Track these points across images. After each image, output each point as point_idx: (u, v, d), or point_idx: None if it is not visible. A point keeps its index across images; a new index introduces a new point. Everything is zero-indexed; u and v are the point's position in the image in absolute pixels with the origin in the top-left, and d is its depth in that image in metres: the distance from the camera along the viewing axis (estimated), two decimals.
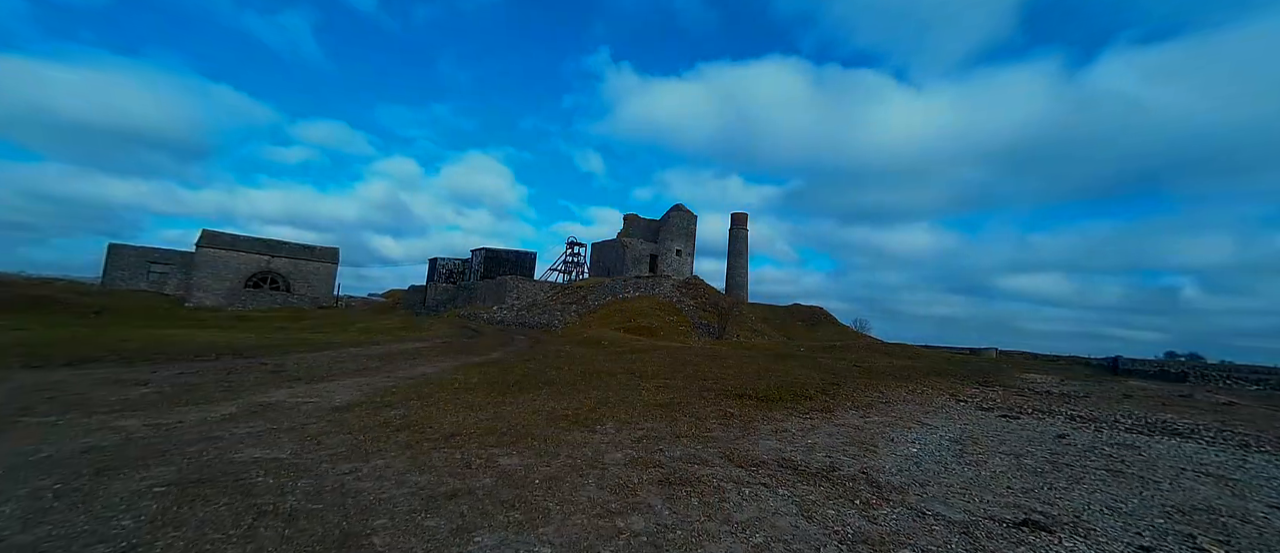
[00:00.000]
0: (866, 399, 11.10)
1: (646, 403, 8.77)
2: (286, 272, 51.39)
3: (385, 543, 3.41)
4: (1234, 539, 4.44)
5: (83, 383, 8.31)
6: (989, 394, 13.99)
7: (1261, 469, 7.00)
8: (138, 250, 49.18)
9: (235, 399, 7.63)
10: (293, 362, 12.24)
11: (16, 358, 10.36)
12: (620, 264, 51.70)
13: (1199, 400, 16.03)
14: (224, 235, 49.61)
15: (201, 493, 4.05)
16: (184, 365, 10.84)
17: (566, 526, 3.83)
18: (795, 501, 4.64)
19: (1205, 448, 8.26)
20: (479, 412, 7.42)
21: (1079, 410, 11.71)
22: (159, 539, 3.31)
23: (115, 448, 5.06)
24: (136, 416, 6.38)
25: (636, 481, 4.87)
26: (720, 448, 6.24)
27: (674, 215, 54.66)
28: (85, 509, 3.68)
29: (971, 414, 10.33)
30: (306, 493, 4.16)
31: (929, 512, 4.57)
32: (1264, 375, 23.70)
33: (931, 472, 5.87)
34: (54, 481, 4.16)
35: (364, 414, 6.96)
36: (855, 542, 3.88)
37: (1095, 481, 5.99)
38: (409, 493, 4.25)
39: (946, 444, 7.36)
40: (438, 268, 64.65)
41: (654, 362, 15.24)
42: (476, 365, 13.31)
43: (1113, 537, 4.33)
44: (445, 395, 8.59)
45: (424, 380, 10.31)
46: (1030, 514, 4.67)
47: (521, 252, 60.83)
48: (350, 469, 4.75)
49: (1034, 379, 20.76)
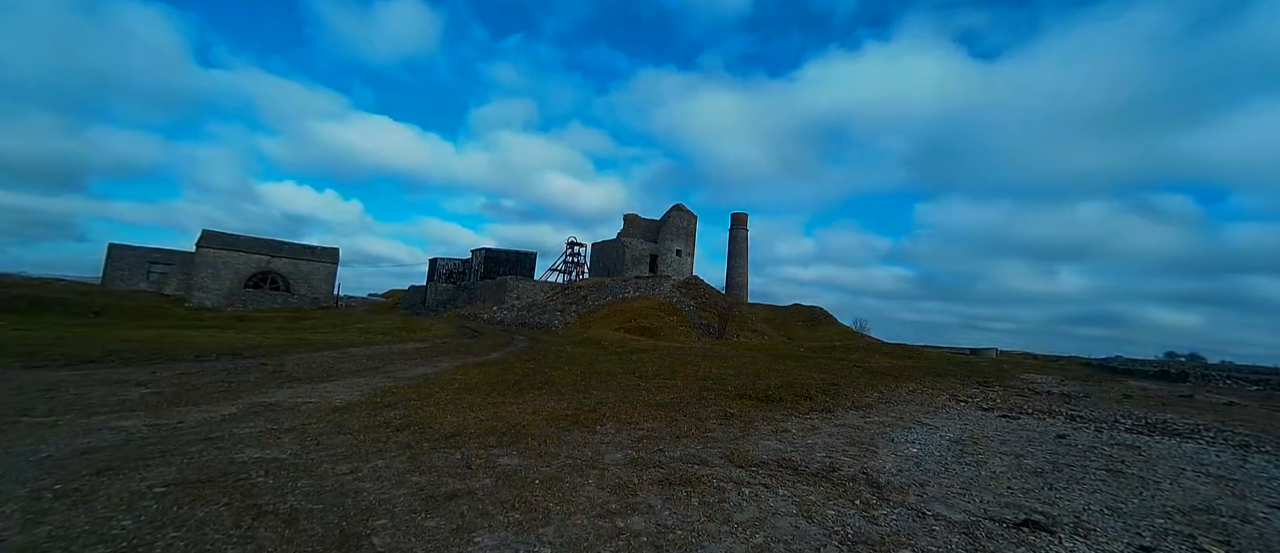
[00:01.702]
0: (867, 399, 11.10)
1: (646, 403, 8.77)
2: (286, 272, 51.37)
3: (385, 543, 3.41)
4: (1234, 540, 4.44)
5: (83, 383, 8.31)
6: (989, 394, 13.99)
7: (1262, 470, 6.99)
8: (138, 250, 49.21)
9: (235, 399, 7.62)
10: (293, 362, 12.24)
11: (16, 358, 10.35)
12: (620, 264, 51.69)
13: (1199, 401, 16.03)
14: (224, 235, 49.59)
15: (201, 493, 4.05)
16: (184, 366, 10.83)
17: (566, 526, 3.82)
18: (795, 501, 4.64)
19: (1206, 448, 8.25)
20: (479, 412, 7.41)
21: (1079, 411, 11.71)
22: (159, 539, 3.31)
23: (115, 448, 5.06)
24: (136, 416, 6.38)
25: (636, 481, 4.86)
26: (720, 448, 6.23)
27: (674, 215, 54.66)
28: (85, 510, 3.68)
29: (972, 414, 10.33)
30: (306, 493, 4.15)
31: (929, 512, 4.57)
32: (1264, 376, 23.67)
33: (932, 472, 5.87)
34: (54, 481, 4.16)
35: (364, 414, 6.96)
36: (855, 542, 3.88)
37: (1095, 481, 5.99)
38: (409, 493, 4.25)
39: (947, 445, 7.36)
40: (438, 268, 64.64)
41: (654, 362, 15.24)
42: (476, 366, 13.30)
43: (1113, 537, 4.33)
44: (445, 396, 8.58)
45: (424, 381, 10.30)
46: (1031, 515, 4.66)
47: (521, 252, 60.84)
48: (350, 469, 4.74)
49: (1034, 379, 20.77)
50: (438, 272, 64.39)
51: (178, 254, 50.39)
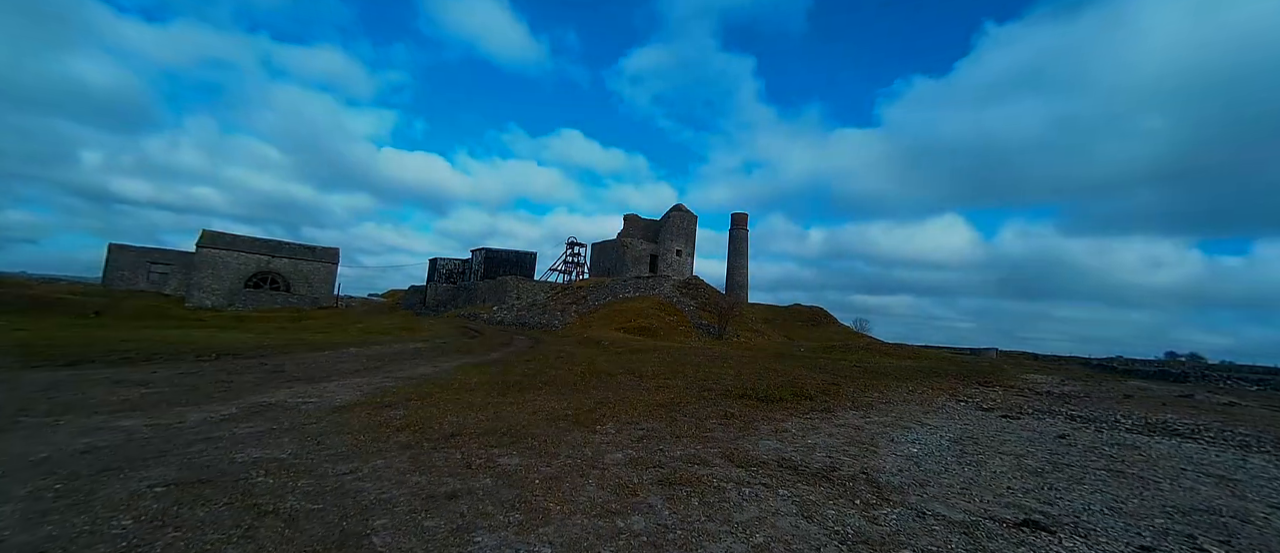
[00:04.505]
0: (867, 399, 11.10)
1: (647, 403, 8.77)
2: (286, 272, 51.34)
3: (385, 543, 3.41)
4: (1235, 540, 4.44)
5: (83, 383, 8.31)
6: (989, 395, 13.99)
7: (1262, 470, 6.99)
8: (138, 250, 49.26)
9: (235, 399, 7.62)
10: (293, 362, 12.23)
11: (17, 358, 10.35)
12: (620, 264, 51.68)
13: (1200, 401, 16.02)
14: (224, 235, 49.57)
15: (201, 493, 4.05)
16: (184, 366, 10.83)
17: (566, 526, 3.82)
18: (795, 501, 4.63)
19: (1206, 448, 8.25)
20: (479, 412, 7.41)
21: (1079, 411, 11.70)
22: (159, 539, 3.31)
23: (115, 448, 5.06)
24: (137, 416, 6.38)
25: (636, 481, 4.86)
26: (720, 448, 6.23)
27: (674, 215, 54.65)
28: (85, 509, 3.67)
29: (972, 415, 10.33)
30: (306, 493, 4.15)
31: (929, 512, 4.56)
32: (1265, 376, 23.68)
33: (932, 472, 5.87)
34: (54, 481, 4.16)
35: (364, 414, 6.96)
36: (856, 542, 3.88)
37: (1096, 481, 5.99)
38: (409, 493, 4.25)
39: (947, 445, 7.36)
40: (438, 268, 64.64)
41: (654, 362, 15.24)
42: (476, 366, 13.30)
43: (1113, 537, 4.33)
44: (445, 396, 8.58)
45: (424, 381, 10.30)
46: (1031, 515, 4.66)
47: (521, 252, 60.83)
48: (350, 469, 4.74)
49: (1035, 380, 20.75)
50: (438, 272, 64.38)
51: (178, 254, 50.41)
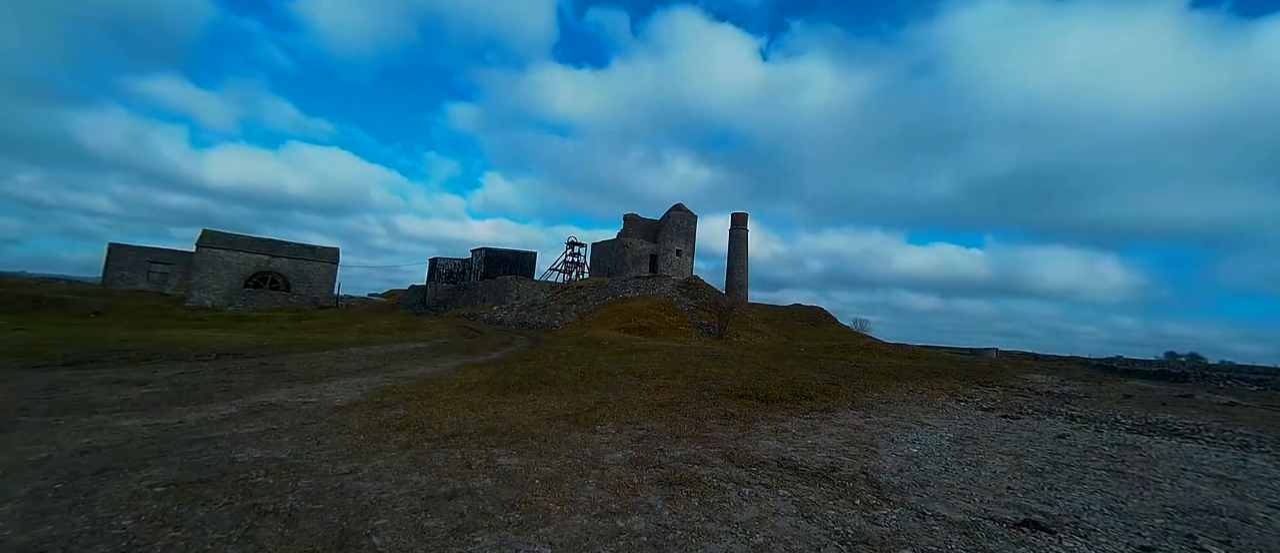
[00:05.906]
0: (867, 399, 11.10)
1: (647, 403, 8.77)
2: (286, 272, 51.33)
3: (385, 543, 3.41)
4: (1234, 540, 4.44)
5: (83, 383, 8.30)
6: (989, 394, 13.99)
7: (1262, 470, 6.99)
8: (138, 250, 49.30)
9: (235, 399, 7.62)
10: (293, 362, 12.23)
11: (17, 358, 10.35)
12: (620, 264, 51.67)
13: (1200, 401, 16.03)
14: (224, 235, 49.56)
15: (201, 493, 4.05)
16: (184, 365, 10.83)
17: (566, 526, 3.82)
18: (795, 501, 4.63)
19: (1206, 448, 8.25)
20: (479, 412, 7.41)
21: (1079, 411, 11.70)
22: (159, 539, 3.31)
23: (115, 448, 5.05)
24: (137, 415, 6.38)
25: (636, 481, 4.86)
26: (720, 448, 6.23)
27: (674, 215, 54.65)
28: (85, 509, 3.67)
29: (972, 415, 10.33)
30: (306, 493, 4.15)
31: (929, 512, 4.56)
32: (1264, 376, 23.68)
33: (932, 472, 5.87)
34: (54, 481, 4.16)
35: (364, 414, 6.96)
36: (856, 542, 3.88)
37: (1096, 481, 5.99)
38: (409, 493, 4.25)
39: (947, 445, 7.36)
40: (438, 268, 64.63)
41: (654, 362, 15.24)
42: (476, 366, 13.30)
43: (1113, 537, 4.33)
44: (445, 396, 8.58)
45: (424, 381, 10.30)
46: (1031, 515, 4.66)
47: (521, 252, 60.82)
48: (350, 469, 4.74)
49: (1035, 380, 20.76)
50: (438, 272, 64.36)
51: (178, 254, 50.45)
